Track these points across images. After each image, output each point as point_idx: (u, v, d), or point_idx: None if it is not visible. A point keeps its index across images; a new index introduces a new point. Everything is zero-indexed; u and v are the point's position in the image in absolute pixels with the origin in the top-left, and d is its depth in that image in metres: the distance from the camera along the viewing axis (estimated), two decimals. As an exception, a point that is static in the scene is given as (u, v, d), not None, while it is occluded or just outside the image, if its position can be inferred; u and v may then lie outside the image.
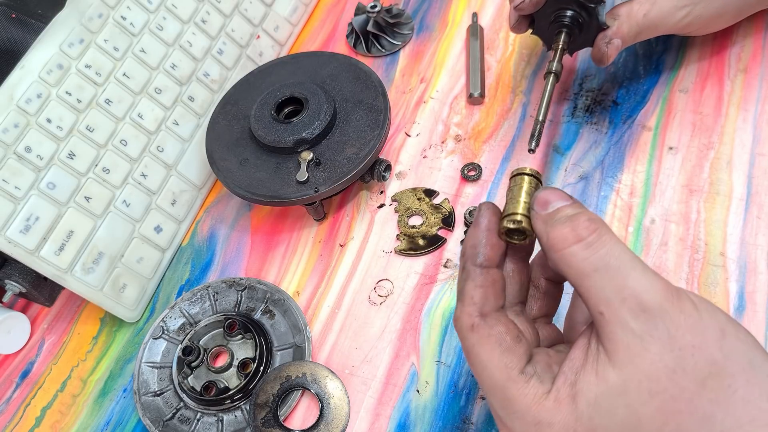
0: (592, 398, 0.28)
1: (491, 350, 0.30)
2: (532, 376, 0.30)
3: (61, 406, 0.50)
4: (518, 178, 0.33)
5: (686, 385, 0.27)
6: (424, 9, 0.64)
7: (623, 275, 0.28)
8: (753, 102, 0.49)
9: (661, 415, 0.27)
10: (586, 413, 0.28)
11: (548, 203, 0.31)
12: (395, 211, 0.52)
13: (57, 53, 0.49)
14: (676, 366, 0.27)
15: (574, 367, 0.29)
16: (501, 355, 0.30)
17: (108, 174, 0.51)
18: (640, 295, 0.27)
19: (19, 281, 0.50)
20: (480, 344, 0.31)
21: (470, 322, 0.31)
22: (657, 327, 0.27)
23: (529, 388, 0.29)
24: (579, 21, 0.46)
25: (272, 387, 0.45)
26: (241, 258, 0.53)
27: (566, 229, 0.29)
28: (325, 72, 0.55)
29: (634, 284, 0.27)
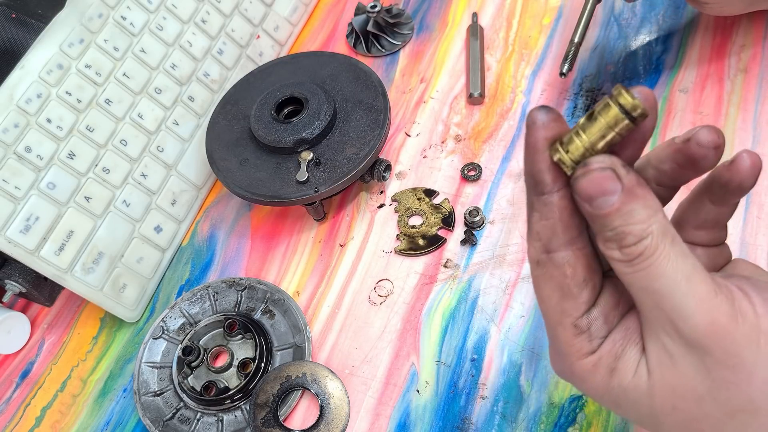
0: (624, 384, 0.28)
1: (551, 291, 0.29)
2: (584, 332, 0.28)
3: (61, 406, 0.50)
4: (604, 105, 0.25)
5: (713, 413, 0.26)
6: (424, 9, 0.64)
7: (661, 299, 0.26)
8: (753, 102, 0.49)
9: (682, 428, 0.27)
10: (616, 391, 0.28)
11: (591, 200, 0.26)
12: (395, 211, 0.52)
13: (57, 53, 0.49)
14: (706, 394, 0.26)
15: (624, 338, 0.28)
16: (559, 300, 0.29)
17: (108, 174, 0.51)
18: (676, 322, 0.25)
19: (19, 281, 0.50)
20: (543, 281, 0.29)
21: (536, 257, 0.29)
22: (691, 354, 0.26)
23: (576, 342, 0.29)
24: None
25: (272, 387, 0.45)
26: (241, 258, 0.53)
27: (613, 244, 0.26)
28: (325, 72, 0.55)
29: (671, 311, 0.25)
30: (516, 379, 0.43)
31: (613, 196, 0.25)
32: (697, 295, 0.25)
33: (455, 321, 0.46)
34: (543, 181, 0.27)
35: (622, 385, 0.28)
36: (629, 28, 0.56)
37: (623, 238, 0.25)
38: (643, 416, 0.28)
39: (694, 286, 0.25)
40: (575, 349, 0.29)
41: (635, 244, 0.25)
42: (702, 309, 0.25)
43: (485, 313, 0.46)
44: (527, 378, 0.42)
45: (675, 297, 0.25)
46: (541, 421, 0.41)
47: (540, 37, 0.58)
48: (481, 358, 0.44)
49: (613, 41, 0.56)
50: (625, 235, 0.25)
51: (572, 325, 0.28)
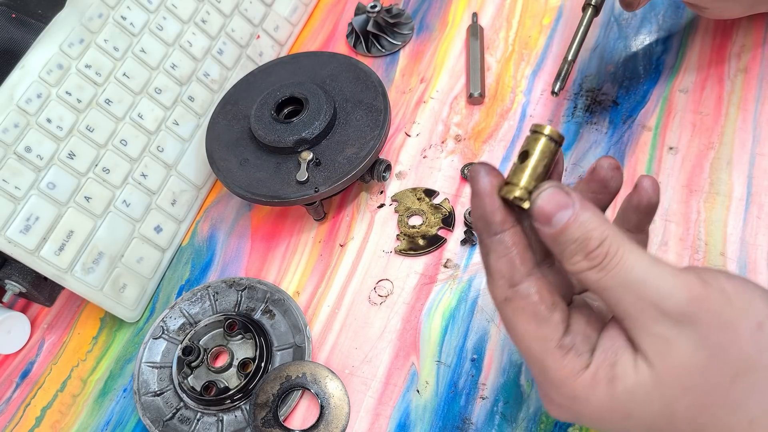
0: (629, 386, 0.28)
1: (527, 323, 0.30)
2: (570, 349, 0.29)
3: (61, 406, 0.50)
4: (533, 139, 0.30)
5: (718, 381, 0.27)
6: (424, 9, 0.64)
7: (638, 288, 0.27)
8: (753, 102, 0.49)
9: (695, 408, 0.28)
10: (623, 398, 0.28)
11: (550, 219, 0.28)
12: (395, 211, 0.52)
13: (57, 53, 0.49)
14: (708, 363, 0.27)
15: (613, 347, 0.29)
16: (537, 328, 0.29)
17: (108, 174, 0.51)
18: (659, 304, 0.27)
19: (19, 281, 0.50)
20: (515, 317, 0.30)
21: (503, 295, 0.30)
22: (683, 330, 0.27)
23: (567, 362, 0.29)
24: None
25: (272, 387, 0.45)
26: (241, 258, 0.53)
27: (577, 257, 0.28)
28: (325, 72, 0.55)
29: (651, 295, 0.27)
30: (516, 379, 0.43)
31: (568, 209, 0.28)
32: (668, 274, 0.27)
33: (455, 321, 0.46)
34: (496, 221, 0.30)
35: (627, 389, 0.28)
36: (629, 29, 0.56)
37: (587, 245, 0.28)
38: (656, 414, 0.28)
39: (662, 269, 0.27)
40: (568, 369, 0.29)
41: (599, 247, 0.28)
42: (677, 285, 0.27)
43: (485, 313, 0.46)
44: (527, 378, 0.42)
45: (651, 282, 0.27)
46: (541, 421, 0.41)
47: (540, 37, 0.58)
48: (481, 358, 0.44)
49: (613, 41, 0.56)
50: (588, 241, 0.28)
51: (557, 347, 0.29)
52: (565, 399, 0.30)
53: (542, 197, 0.29)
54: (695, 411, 0.28)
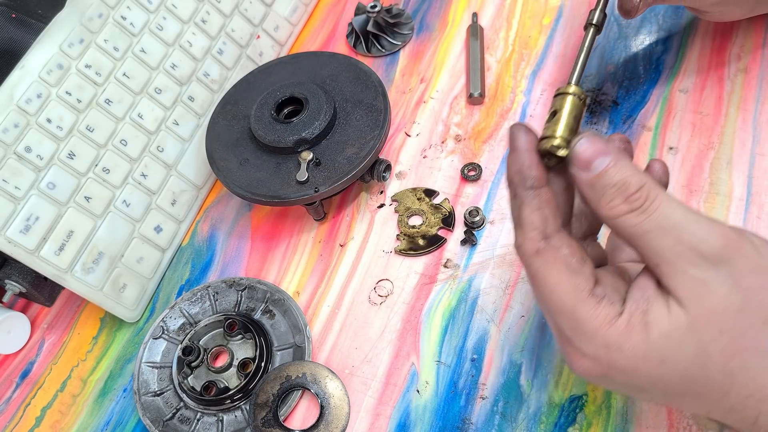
0: (664, 331, 0.29)
1: (559, 273, 0.30)
2: (603, 297, 0.30)
3: (61, 406, 0.50)
4: (561, 98, 0.32)
5: (752, 323, 0.28)
6: (424, 9, 0.64)
7: (677, 232, 0.28)
8: (753, 102, 0.49)
9: (729, 351, 0.28)
10: (658, 344, 0.29)
11: (589, 164, 0.29)
12: (395, 211, 0.52)
13: (57, 53, 0.49)
14: (742, 305, 0.28)
15: (645, 295, 0.30)
16: (570, 278, 0.30)
17: (108, 174, 0.51)
18: (697, 246, 0.28)
19: (19, 281, 0.50)
20: (546, 268, 0.30)
21: (534, 247, 0.31)
22: (719, 272, 0.28)
23: (600, 310, 0.29)
24: None
25: (272, 387, 0.45)
26: (241, 258, 0.53)
27: (617, 200, 0.29)
28: (325, 72, 0.55)
29: (689, 238, 0.28)
30: (516, 379, 0.43)
31: (608, 156, 0.29)
32: (703, 222, 0.28)
33: (455, 321, 0.46)
34: (533, 175, 0.31)
35: (662, 333, 0.29)
36: (629, 29, 0.56)
37: (626, 189, 0.29)
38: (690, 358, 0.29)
39: (697, 216, 0.29)
40: (602, 317, 0.29)
41: (638, 191, 0.29)
42: (713, 231, 0.28)
43: (485, 313, 0.46)
44: (527, 378, 0.43)
45: (690, 226, 0.28)
46: (541, 421, 0.41)
47: (540, 37, 0.58)
48: (481, 358, 0.44)
49: (613, 41, 0.56)
50: (628, 185, 0.29)
51: (590, 295, 0.30)
52: (599, 349, 0.29)
53: (581, 143, 0.30)
54: (728, 354, 0.28)
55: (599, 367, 0.30)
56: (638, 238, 0.29)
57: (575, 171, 0.30)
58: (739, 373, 0.28)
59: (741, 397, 0.29)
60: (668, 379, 0.29)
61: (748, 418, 0.30)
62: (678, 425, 0.39)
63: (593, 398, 0.41)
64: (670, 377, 0.29)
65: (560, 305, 0.30)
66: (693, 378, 0.29)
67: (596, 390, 0.41)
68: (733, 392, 0.29)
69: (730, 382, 0.29)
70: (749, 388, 0.29)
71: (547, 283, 0.30)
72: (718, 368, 0.29)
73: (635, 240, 0.29)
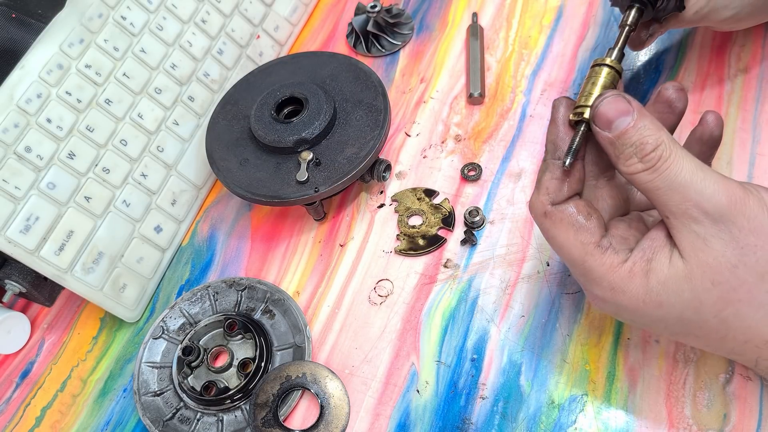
0: (662, 278, 0.32)
1: (566, 231, 0.34)
2: (608, 248, 0.33)
3: (61, 406, 0.50)
4: (596, 69, 0.35)
5: (746, 278, 0.31)
6: (424, 9, 0.64)
7: (684, 190, 0.31)
8: (753, 102, 0.49)
9: (721, 302, 0.31)
10: (656, 289, 0.32)
11: (611, 122, 0.32)
12: (395, 211, 0.52)
13: (57, 53, 0.49)
14: (738, 261, 0.30)
15: (652, 246, 0.33)
16: (575, 235, 0.34)
17: (108, 174, 0.51)
18: (702, 204, 0.30)
19: (19, 281, 0.50)
20: (554, 227, 0.34)
21: (543, 209, 0.35)
22: (720, 229, 0.30)
23: (606, 258, 0.33)
24: None
25: (272, 387, 0.45)
26: (241, 258, 0.53)
27: (633, 159, 0.32)
28: (325, 72, 0.55)
29: (694, 196, 0.30)
30: (516, 379, 0.43)
31: (628, 115, 0.32)
32: (712, 179, 0.31)
33: (455, 321, 0.46)
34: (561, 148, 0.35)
35: (660, 279, 0.32)
36: (629, 28, 0.56)
37: (643, 149, 0.31)
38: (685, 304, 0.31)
39: (707, 174, 0.31)
40: (608, 265, 0.33)
41: (654, 151, 0.31)
42: (720, 188, 0.30)
43: (485, 313, 0.46)
44: (527, 378, 0.43)
45: (697, 184, 0.31)
46: (541, 421, 0.41)
47: (540, 37, 0.58)
48: (481, 358, 0.44)
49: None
50: (644, 145, 0.31)
51: (596, 246, 0.33)
52: (606, 291, 0.33)
53: (604, 103, 0.32)
54: (721, 304, 0.31)
55: (609, 306, 0.34)
56: (651, 193, 0.32)
57: (597, 129, 0.33)
58: (732, 320, 0.31)
59: (739, 342, 0.32)
60: (667, 320, 0.33)
61: (749, 360, 0.33)
62: (678, 425, 0.39)
63: (593, 398, 0.41)
64: (668, 319, 0.32)
65: (570, 258, 0.34)
66: (689, 321, 0.32)
67: (596, 390, 0.41)
68: (729, 336, 0.32)
69: (725, 327, 0.32)
70: (745, 335, 0.32)
71: (557, 240, 0.34)
72: (711, 314, 0.31)
73: (649, 194, 0.32)
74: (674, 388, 0.40)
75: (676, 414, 0.39)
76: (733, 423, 0.38)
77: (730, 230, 0.30)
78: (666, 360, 0.41)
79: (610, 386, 0.41)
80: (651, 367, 0.41)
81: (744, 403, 0.39)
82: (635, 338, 0.42)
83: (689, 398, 0.39)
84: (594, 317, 0.44)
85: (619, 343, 0.42)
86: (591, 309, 0.44)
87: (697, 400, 0.39)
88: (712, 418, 0.39)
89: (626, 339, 0.42)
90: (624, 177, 0.33)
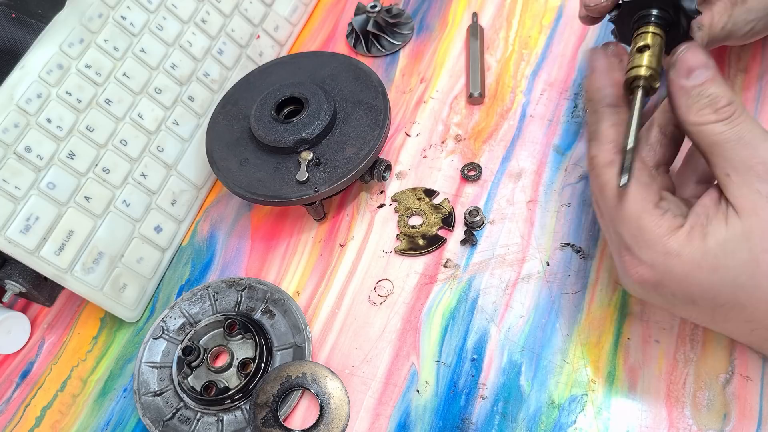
0: (720, 239, 0.31)
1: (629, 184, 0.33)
2: (667, 210, 0.33)
3: (61, 406, 0.50)
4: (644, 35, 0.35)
5: None
6: (424, 9, 0.64)
7: (755, 146, 0.31)
8: (753, 102, 0.49)
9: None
10: (713, 251, 0.31)
11: (692, 71, 0.33)
12: (395, 211, 0.52)
13: (57, 53, 0.49)
14: None
15: (706, 210, 0.32)
16: (638, 189, 0.33)
17: (108, 174, 0.51)
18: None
19: (19, 281, 0.50)
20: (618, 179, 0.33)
21: (608, 158, 0.34)
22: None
23: (664, 221, 0.32)
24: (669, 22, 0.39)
25: (272, 387, 0.45)
26: (241, 258, 0.53)
27: (708, 109, 0.32)
28: (325, 72, 0.55)
29: (764, 153, 0.31)
30: (516, 379, 0.43)
31: (709, 69, 0.33)
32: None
33: (455, 321, 0.46)
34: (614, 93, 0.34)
35: (718, 241, 0.31)
36: (629, 28, 0.56)
37: (718, 102, 0.32)
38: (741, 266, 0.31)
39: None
40: (666, 227, 0.32)
41: (729, 105, 0.32)
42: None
43: (485, 313, 0.46)
44: (527, 378, 0.43)
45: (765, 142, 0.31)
46: (541, 421, 0.41)
47: (540, 37, 0.58)
48: (481, 358, 0.44)
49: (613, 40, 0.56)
50: (720, 98, 0.32)
51: (656, 207, 0.33)
52: (658, 256, 0.32)
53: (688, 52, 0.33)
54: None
55: (655, 274, 0.33)
56: (718, 146, 0.32)
57: (675, 76, 0.33)
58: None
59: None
60: (719, 288, 0.32)
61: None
62: (678, 425, 0.39)
63: (593, 398, 0.41)
64: (720, 285, 0.31)
65: (626, 213, 0.33)
66: (742, 286, 0.31)
67: (596, 390, 0.41)
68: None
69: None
70: None
71: (617, 192, 0.33)
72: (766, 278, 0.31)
73: (714, 148, 0.32)
74: (674, 388, 0.40)
75: (676, 414, 0.39)
76: (733, 423, 0.38)
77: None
78: (666, 360, 0.41)
79: (610, 386, 0.41)
80: (651, 367, 0.41)
81: (744, 403, 0.39)
82: (635, 338, 0.42)
83: (689, 398, 0.39)
84: (594, 317, 0.44)
85: (619, 343, 0.42)
86: (591, 309, 0.44)
87: (697, 400, 0.39)
88: (712, 418, 0.39)
89: (626, 339, 0.42)
90: (687, 128, 0.33)
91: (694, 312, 0.34)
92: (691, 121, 0.32)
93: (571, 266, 0.46)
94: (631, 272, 0.34)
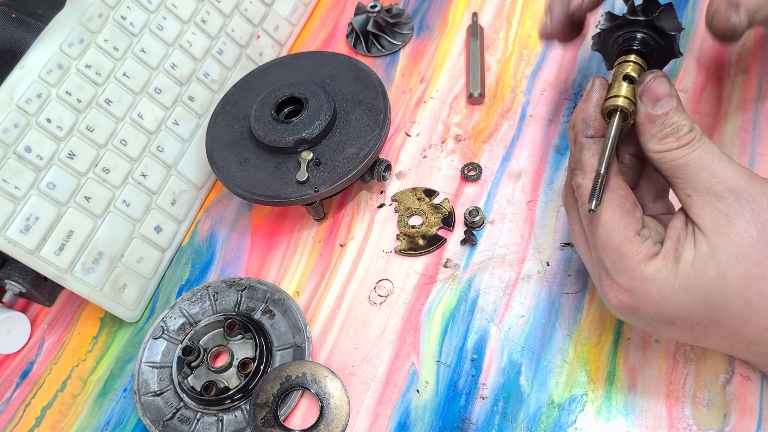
0: (690, 260, 0.33)
1: (612, 212, 0.34)
2: (647, 238, 0.34)
3: (61, 406, 0.50)
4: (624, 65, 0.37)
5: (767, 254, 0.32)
6: (424, 9, 0.64)
7: (713, 167, 0.33)
8: (753, 102, 0.49)
9: (746, 278, 0.32)
10: (684, 272, 0.32)
11: (658, 100, 0.34)
12: (395, 211, 0.52)
13: (57, 53, 0.49)
14: (759, 237, 0.32)
15: (677, 233, 0.34)
16: (621, 217, 0.34)
17: (108, 174, 0.51)
18: (726, 181, 0.32)
19: (19, 281, 0.50)
20: (602, 205, 0.34)
21: None
22: (741, 205, 0.32)
23: (644, 248, 0.34)
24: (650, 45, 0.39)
25: (272, 387, 0.45)
26: (241, 258, 0.53)
27: (671, 138, 0.34)
28: (325, 72, 0.55)
29: (721, 173, 0.33)
30: (516, 379, 0.43)
31: (673, 99, 0.34)
32: (733, 162, 0.33)
33: (455, 321, 0.46)
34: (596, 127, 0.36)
35: (688, 261, 0.33)
36: (629, 28, 0.56)
37: (680, 130, 0.34)
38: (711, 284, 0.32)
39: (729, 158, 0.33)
40: (644, 254, 0.33)
41: (689, 132, 0.33)
42: (740, 170, 0.33)
43: (485, 313, 0.46)
44: (527, 378, 0.43)
45: (723, 163, 0.33)
46: (541, 421, 0.41)
47: (540, 37, 0.58)
48: (481, 358, 0.44)
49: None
50: (681, 127, 0.34)
51: (636, 234, 0.34)
52: (635, 281, 0.33)
53: (657, 82, 0.35)
54: (746, 281, 0.32)
55: (632, 299, 0.34)
56: (678, 169, 0.33)
57: (644, 104, 0.35)
58: (756, 300, 0.32)
59: (761, 328, 0.33)
60: (692, 307, 0.33)
61: None
62: (678, 425, 0.39)
63: (593, 398, 0.41)
64: (694, 304, 0.33)
65: (608, 240, 0.34)
66: (714, 303, 0.32)
67: (596, 390, 0.41)
68: (752, 320, 0.32)
69: (749, 309, 0.32)
70: None
71: (601, 219, 0.34)
72: (736, 294, 0.32)
73: (676, 171, 0.34)
74: (674, 388, 0.40)
75: (676, 414, 0.39)
76: (733, 423, 0.38)
77: (751, 207, 0.32)
78: (666, 360, 0.41)
79: (610, 386, 0.41)
80: (651, 367, 0.41)
81: (744, 403, 0.39)
82: (635, 338, 0.42)
83: (689, 398, 0.39)
84: (594, 317, 0.44)
85: (619, 343, 0.42)
86: (591, 309, 0.44)
87: (697, 400, 0.39)
88: (712, 418, 0.39)
89: (626, 339, 0.42)
90: (650, 155, 0.35)
91: (674, 332, 0.35)
92: (654, 149, 0.34)
93: (571, 266, 0.46)
94: (609, 296, 0.35)
